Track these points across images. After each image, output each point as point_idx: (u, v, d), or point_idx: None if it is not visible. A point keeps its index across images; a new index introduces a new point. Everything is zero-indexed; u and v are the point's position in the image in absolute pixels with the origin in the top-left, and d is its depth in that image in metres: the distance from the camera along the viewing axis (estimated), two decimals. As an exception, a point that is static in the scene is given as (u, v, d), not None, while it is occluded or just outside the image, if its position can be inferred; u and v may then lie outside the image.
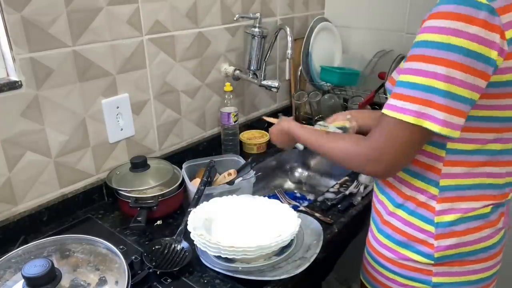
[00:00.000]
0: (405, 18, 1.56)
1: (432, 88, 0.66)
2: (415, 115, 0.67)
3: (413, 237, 0.83)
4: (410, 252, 0.84)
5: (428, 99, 0.66)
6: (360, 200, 1.16)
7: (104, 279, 0.69)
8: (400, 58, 1.49)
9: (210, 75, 1.37)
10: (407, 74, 0.69)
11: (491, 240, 0.81)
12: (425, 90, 0.67)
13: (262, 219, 0.97)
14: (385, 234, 0.88)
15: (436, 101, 0.66)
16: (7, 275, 0.69)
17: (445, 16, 0.65)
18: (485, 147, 0.75)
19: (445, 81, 0.65)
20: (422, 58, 0.67)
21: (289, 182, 1.50)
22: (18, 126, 0.94)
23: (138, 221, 0.99)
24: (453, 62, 0.64)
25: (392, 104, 0.71)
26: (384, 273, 0.90)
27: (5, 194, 0.96)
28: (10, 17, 0.88)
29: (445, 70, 0.65)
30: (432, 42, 0.66)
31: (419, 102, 0.67)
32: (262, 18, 1.37)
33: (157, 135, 1.27)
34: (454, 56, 0.64)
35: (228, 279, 0.86)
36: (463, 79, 0.65)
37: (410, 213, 0.83)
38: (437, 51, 0.65)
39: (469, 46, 0.64)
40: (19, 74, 0.92)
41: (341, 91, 1.71)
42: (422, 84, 0.67)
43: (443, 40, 0.65)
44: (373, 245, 0.93)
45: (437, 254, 0.81)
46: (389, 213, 0.87)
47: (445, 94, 0.65)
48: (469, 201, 0.78)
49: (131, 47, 1.12)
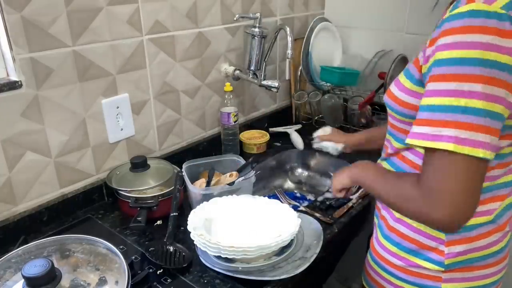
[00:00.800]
0: (405, 18, 1.56)
1: (470, 109, 0.60)
2: (455, 141, 0.61)
3: (423, 244, 0.81)
4: (420, 260, 0.82)
5: (467, 122, 0.60)
6: (358, 199, 1.16)
7: (104, 279, 0.69)
8: (400, 58, 1.49)
9: (210, 75, 1.37)
10: (436, 96, 0.63)
11: (500, 244, 0.81)
12: (462, 112, 0.60)
13: (262, 219, 0.97)
14: (392, 241, 0.86)
15: (475, 123, 0.60)
16: (7, 275, 0.69)
17: (469, 30, 0.60)
18: (499, 153, 0.72)
19: (483, 99, 0.60)
20: (451, 77, 0.61)
21: (289, 182, 1.49)
22: (18, 126, 0.94)
23: (138, 221, 0.99)
24: (489, 78, 0.60)
25: (425, 133, 0.64)
26: (390, 280, 0.88)
27: (5, 194, 0.96)
28: (10, 17, 0.88)
29: (482, 87, 0.60)
30: (462, 59, 0.60)
31: (457, 126, 0.61)
32: (262, 18, 1.37)
33: (157, 135, 1.27)
34: (489, 71, 0.59)
35: (228, 279, 0.86)
36: (498, 95, 0.60)
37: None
38: (469, 68, 0.60)
39: (500, 59, 0.60)
40: (19, 74, 0.92)
41: (341, 91, 1.71)
42: (459, 106, 0.61)
43: (475, 56, 0.59)
44: (378, 252, 0.91)
45: (448, 261, 0.80)
46: (395, 219, 0.85)
47: (484, 113, 0.60)
48: (481, 205, 0.76)
49: (131, 47, 1.12)
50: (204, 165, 1.21)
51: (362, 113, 1.61)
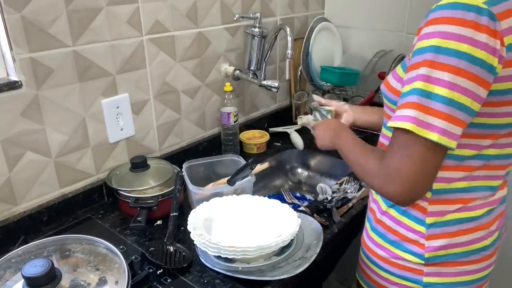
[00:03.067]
0: (405, 18, 1.56)
1: (434, 95, 0.63)
2: (415, 122, 0.64)
3: (405, 236, 0.83)
4: (402, 252, 0.84)
5: (428, 106, 0.64)
6: (358, 200, 1.16)
7: (104, 279, 0.69)
8: (400, 58, 1.49)
9: (210, 75, 1.37)
10: (409, 83, 0.66)
11: (484, 242, 0.81)
12: (426, 96, 0.64)
13: (262, 219, 0.97)
14: (378, 233, 0.89)
15: (436, 108, 0.63)
16: (7, 275, 0.69)
17: (449, 22, 0.62)
18: (481, 153, 0.74)
19: (449, 88, 0.62)
20: (425, 64, 0.64)
21: (289, 182, 1.49)
22: (18, 126, 0.94)
23: (138, 221, 0.99)
24: (459, 69, 0.62)
25: (396, 115, 0.68)
26: (377, 272, 0.90)
27: (5, 194, 0.96)
28: (10, 17, 0.88)
29: (450, 77, 0.62)
30: (436, 47, 0.63)
31: (418, 108, 0.64)
32: (262, 18, 1.37)
33: (157, 135, 1.27)
34: (461, 62, 0.62)
35: (228, 279, 0.86)
36: (467, 87, 0.62)
37: (401, 213, 0.83)
38: (443, 57, 0.62)
39: (474, 53, 0.61)
40: (19, 74, 0.92)
41: (341, 91, 1.71)
42: (423, 90, 0.64)
43: (448, 46, 0.62)
44: (367, 244, 0.93)
45: (428, 254, 0.81)
46: (382, 212, 0.87)
47: (447, 101, 0.63)
48: (461, 204, 0.78)
49: (131, 47, 1.12)
50: (204, 165, 1.21)
51: (362, 113, 1.61)
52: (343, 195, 1.20)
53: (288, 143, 1.54)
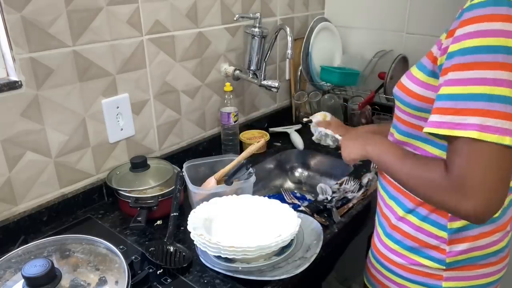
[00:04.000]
0: (405, 18, 1.56)
1: (496, 97, 0.59)
2: (479, 129, 0.59)
3: (425, 243, 0.82)
4: (421, 258, 0.83)
5: (492, 109, 0.59)
6: (358, 199, 1.16)
7: (104, 279, 0.69)
8: (400, 58, 1.49)
9: (210, 75, 1.37)
10: (458, 85, 0.62)
11: (501, 244, 0.81)
12: (487, 100, 0.59)
13: (262, 219, 0.97)
14: (394, 240, 0.87)
15: (502, 110, 0.59)
16: (7, 275, 0.69)
17: (492, 19, 0.59)
18: None
19: (509, 87, 0.59)
20: (474, 66, 0.60)
21: (289, 182, 1.49)
22: (18, 126, 0.94)
23: (138, 221, 0.99)
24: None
25: (448, 121, 0.62)
26: (392, 278, 0.89)
27: (5, 194, 0.96)
28: (10, 17, 0.88)
29: (508, 75, 0.59)
30: (485, 47, 0.60)
31: (481, 114, 0.59)
32: (262, 18, 1.37)
33: (157, 135, 1.27)
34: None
35: (228, 279, 0.86)
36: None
37: (422, 219, 0.81)
38: (493, 56, 0.59)
39: None
40: (19, 74, 0.92)
41: (341, 91, 1.71)
42: (483, 94, 0.59)
43: (499, 43, 0.59)
44: (380, 250, 0.91)
45: (449, 260, 0.80)
46: (398, 218, 0.85)
47: (510, 100, 0.59)
48: None
49: (131, 47, 1.12)
50: (204, 165, 1.21)
51: (362, 113, 1.61)
52: (343, 195, 1.20)
53: (288, 143, 1.54)
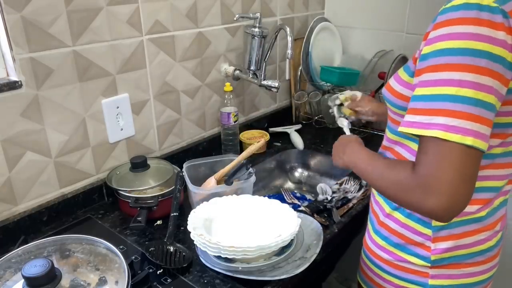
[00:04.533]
0: (405, 18, 1.56)
1: (460, 98, 0.60)
2: (444, 129, 0.61)
3: (410, 239, 0.83)
4: (407, 254, 0.84)
5: (456, 110, 0.61)
6: (358, 199, 1.16)
7: (104, 279, 0.69)
8: (400, 58, 1.49)
9: (210, 75, 1.37)
10: (428, 86, 0.64)
11: (488, 243, 0.81)
12: (452, 100, 0.61)
13: (262, 219, 0.97)
14: (382, 236, 0.88)
15: (466, 111, 0.60)
16: (7, 275, 0.69)
17: (462, 22, 0.61)
18: (489, 152, 0.73)
19: (474, 89, 0.60)
20: (444, 67, 0.62)
21: (289, 182, 1.49)
22: (18, 126, 0.94)
23: (138, 221, 0.99)
24: (481, 68, 0.60)
25: (417, 121, 0.64)
26: (380, 274, 0.90)
27: (5, 194, 0.96)
28: (10, 17, 0.88)
29: (473, 77, 0.60)
30: (453, 49, 0.61)
31: (447, 114, 0.61)
32: (262, 18, 1.37)
33: (157, 135, 1.27)
34: (481, 61, 0.60)
35: (228, 279, 0.86)
36: (491, 86, 0.61)
37: (407, 215, 0.82)
38: (463, 58, 0.61)
39: (494, 51, 0.60)
40: (19, 74, 0.92)
41: (341, 91, 1.71)
42: (449, 94, 0.61)
43: (466, 46, 0.60)
44: (369, 246, 0.93)
45: (434, 257, 0.81)
46: (386, 214, 0.86)
47: (475, 102, 0.60)
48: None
49: (131, 47, 1.12)
50: (204, 165, 1.21)
51: (362, 113, 1.61)
52: (343, 195, 1.20)
53: (288, 143, 1.54)
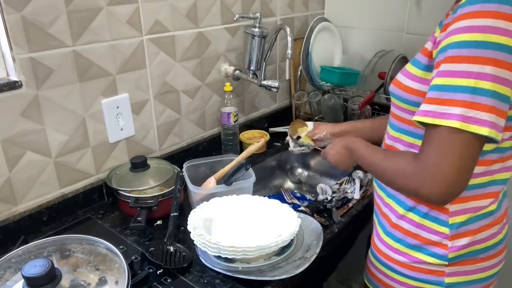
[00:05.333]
0: (405, 18, 1.56)
1: (479, 89, 0.62)
2: (461, 119, 0.63)
3: (427, 240, 0.82)
4: (424, 255, 0.83)
5: (474, 101, 0.62)
6: (359, 199, 1.16)
7: (104, 279, 0.69)
8: (400, 58, 1.49)
9: (210, 75, 1.37)
10: (447, 76, 0.65)
11: (499, 236, 0.82)
12: (471, 92, 0.62)
13: (262, 219, 0.97)
14: (395, 238, 0.87)
15: (483, 103, 0.62)
16: (7, 275, 0.69)
17: (483, 15, 0.62)
18: (500, 146, 0.74)
19: (492, 81, 0.62)
20: (463, 59, 0.63)
21: (289, 182, 1.49)
22: (18, 126, 0.94)
23: (138, 221, 0.99)
24: (500, 61, 0.62)
25: (433, 111, 0.66)
26: (394, 277, 0.89)
27: (5, 194, 0.96)
28: (10, 17, 0.88)
29: (491, 69, 0.62)
30: (473, 42, 0.62)
31: (464, 105, 0.63)
32: (262, 18, 1.37)
33: (157, 135, 1.27)
34: (499, 54, 0.62)
35: (228, 279, 0.86)
36: (507, 78, 0.62)
37: (423, 216, 0.81)
38: (480, 51, 0.62)
39: (511, 44, 0.61)
40: (19, 74, 0.92)
41: (341, 91, 1.71)
42: (468, 86, 0.63)
43: (486, 39, 0.62)
44: (381, 249, 0.91)
45: (451, 255, 0.81)
46: (399, 216, 0.85)
47: (492, 94, 0.62)
48: (479, 200, 0.78)
49: (131, 47, 1.12)
50: (204, 165, 1.21)
51: (362, 113, 1.61)
52: (343, 195, 1.20)
53: (288, 143, 1.53)
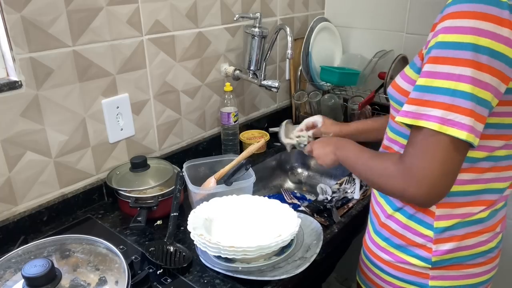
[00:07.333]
0: (405, 18, 1.56)
1: (458, 92, 0.61)
2: (440, 122, 0.62)
3: (411, 241, 0.82)
4: (408, 256, 0.83)
5: (453, 104, 0.61)
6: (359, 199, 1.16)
7: (104, 279, 0.69)
8: (400, 58, 1.49)
9: (210, 75, 1.37)
10: (428, 77, 0.64)
11: (489, 245, 0.81)
12: (451, 94, 0.62)
13: (262, 219, 0.97)
14: (383, 237, 0.88)
15: (462, 106, 0.61)
16: (7, 275, 0.68)
17: (468, 16, 0.61)
18: (492, 154, 0.73)
19: (472, 84, 0.61)
20: (445, 60, 0.62)
21: (289, 182, 1.50)
22: (18, 126, 0.94)
23: (138, 221, 0.99)
24: (481, 64, 0.60)
25: (413, 111, 0.65)
26: (380, 275, 0.90)
27: (5, 194, 0.96)
28: (10, 17, 0.88)
29: (472, 72, 0.60)
30: (456, 43, 0.61)
31: (444, 107, 0.62)
32: (262, 18, 1.37)
33: (157, 135, 1.27)
34: (482, 57, 0.60)
35: (228, 279, 0.86)
36: (489, 82, 0.61)
37: (408, 217, 0.82)
38: (463, 52, 0.61)
39: (496, 48, 0.60)
40: (19, 74, 0.92)
41: (341, 91, 1.71)
42: (448, 88, 0.62)
43: (469, 41, 0.60)
44: (370, 247, 0.92)
45: (435, 258, 0.80)
46: (387, 216, 0.86)
47: (471, 97, 0.61)
48: (469, 206, 0.77)
49: (131, 47, 1.12)
50: (204, 165, 1.21)
51: (362, 113, 1.61)
52: (343, 195, 1.20)
53: (288, 143, 1.53)
